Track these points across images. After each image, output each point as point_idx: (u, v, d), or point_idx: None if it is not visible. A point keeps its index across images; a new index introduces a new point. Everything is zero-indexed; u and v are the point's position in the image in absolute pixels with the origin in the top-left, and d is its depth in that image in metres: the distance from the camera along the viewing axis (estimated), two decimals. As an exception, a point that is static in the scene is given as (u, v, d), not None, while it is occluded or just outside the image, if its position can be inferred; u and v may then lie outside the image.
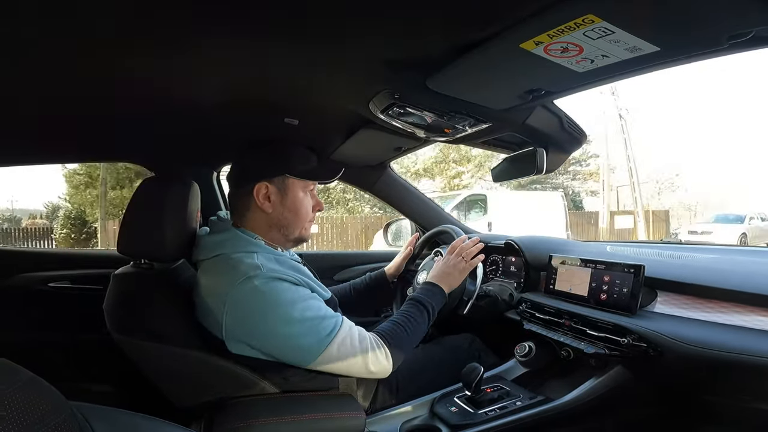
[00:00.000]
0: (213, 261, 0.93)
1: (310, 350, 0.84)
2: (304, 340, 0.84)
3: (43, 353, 1.46)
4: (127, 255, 0.99)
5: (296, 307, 0.85)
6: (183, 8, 0.61)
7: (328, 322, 0.87)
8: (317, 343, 0.84)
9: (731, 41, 0.59)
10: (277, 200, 0.97)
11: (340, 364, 0.86)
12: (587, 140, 1.16)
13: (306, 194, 1.01)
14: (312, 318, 0.86)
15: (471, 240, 1.22)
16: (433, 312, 1.04)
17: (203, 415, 0.87)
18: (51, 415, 0.40)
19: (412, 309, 1.02)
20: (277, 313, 0.84)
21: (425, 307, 1.03)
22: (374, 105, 0.98)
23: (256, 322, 0.84)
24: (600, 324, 1.00)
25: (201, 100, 1.03)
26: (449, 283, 1.12)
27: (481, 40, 0.68)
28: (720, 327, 0.87)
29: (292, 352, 0.85)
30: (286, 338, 0.84)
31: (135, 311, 0.92)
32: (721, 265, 1.09)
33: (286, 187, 0.98)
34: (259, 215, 0.98)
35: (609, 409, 1.01)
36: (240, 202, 0.99)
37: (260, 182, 0.96)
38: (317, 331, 0.85)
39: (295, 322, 0.84)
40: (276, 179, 0.97)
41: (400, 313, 1.01)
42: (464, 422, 0.95)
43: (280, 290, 0.86)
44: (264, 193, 0.96)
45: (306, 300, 0.88)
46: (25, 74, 0.84)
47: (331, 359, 0.85)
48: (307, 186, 1.01)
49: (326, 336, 0.85)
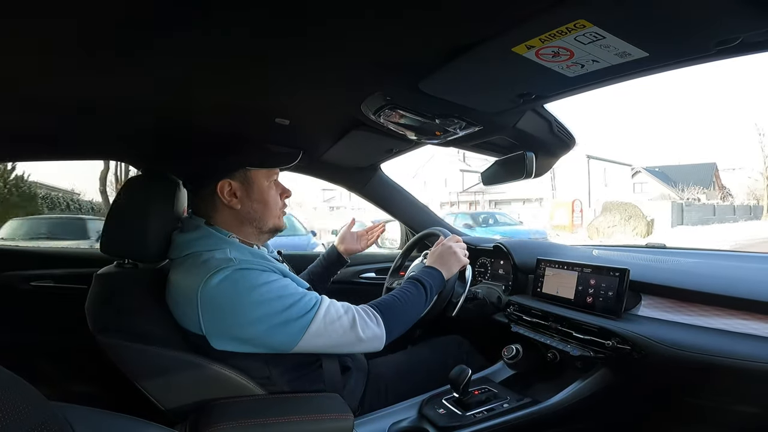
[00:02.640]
0: (183, 260, 0.91)
1: (294, 327, 0.82)
2: (286, 317, 0.82)
3: (23, 353, 1.42)
4: (110, 255, 0.97)
5: (271, 287, 0.84)
6: (180, 7, 0.60)
7: (308, 297, 0.86)
8: (301, 319, 0.83)
9: (719, 47, 0.61)
10: (244, 194, 0.96)
11: (329, 338, 0.85)
12: (576, 144, 1.18)
13: (270, 183, 1.01)
14: (290, 295, 0.84)
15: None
16: (431, 290, 1.04)
17: (188, 417, 0.86)
18: (31, 416, 0.39)
19: (408, 285, 1.02)
20: (253, 297, 0.82)
21: (422, 284, 1.03)
22: (366, 107, 0.98)
23: (234, 311, 0.82)
24: (586, 327, 1.01)
25: (192, 100, 1.02)
26: (448, 267, 1.13)
27: (474, 43, 0.68)
28: (702, 330, 0.88)
29: (276, 334, 0.83)
30: (267, 318, 0.82)
31: (117, 311, 0.90)
32: (704, 269, 1.11)
33: (249, 179, 0.97)
34: (228, 213, 0.96)
35: (595, 410, 1.02)
36: (204, 204, 0.97)
37: (222, 180, 0.94)
38: (298, 307, 0.83)
39: (274, 301, 0.82)
40: (237, 174, 0.96)
41: (397, 289, 1.01)
42: (452, 424, 0.95)
43: (252, 276, 0.84)
44: (228, 189, 0.95)
45: (280, 280, 0.87)
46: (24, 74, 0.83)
47: (319, 334, 0.84)
48: (270, 175, 1.00)
49: (309, 311, 0.84)
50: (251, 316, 0.82)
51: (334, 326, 0.85)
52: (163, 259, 1.02)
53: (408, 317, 0.99)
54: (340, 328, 0.86)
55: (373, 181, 1.71)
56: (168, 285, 0.93)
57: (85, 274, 1.05)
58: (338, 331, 0.86)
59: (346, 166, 1.63)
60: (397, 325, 0.95)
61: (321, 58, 0.79)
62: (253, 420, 0.83)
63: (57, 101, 0.99)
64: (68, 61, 0.78)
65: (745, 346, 0.81)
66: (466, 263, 1.19)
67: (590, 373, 1.00)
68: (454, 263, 1.14)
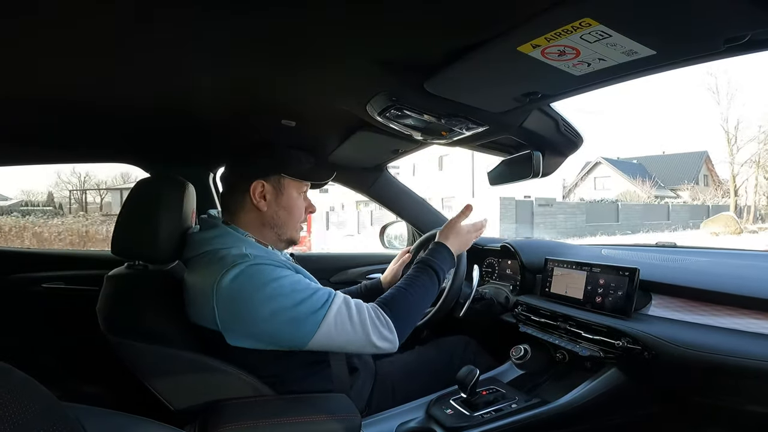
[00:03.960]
0: (200, 257, 0.92)
1: (305, 324, 0.82)
2: (298, 313, 0.82)
3: (35, 354, 1.44)
4: (120, 256, 0.98)
5: (284, 282, 0.84)
6: (182, 8, 0.61)
7: (320, 293, 0.86)
8: (312, 315, 0.82)
9: (728, 45, 0.60)
10: (272, 199, 0.98)
11: (341, 338, 0.84)
12: (583, 143, 1.16)
13: (299, 195, 1.02)
14: (302, 290, 0.85)
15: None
16: (442, 273, 1.02)
17: (197, 417, 0.86)
18: (43, 416, 0.40)
19: (418, 272, 1.00)
20: (266, 292, 0.82)
21: (432, 267, 1.01)
22: (371, 107, 0.98)
23: (247, 306, 0.82)
24: (595, 327, 1.00)
25: (198, 101, 1.03)
26: (459, 243, 1.10)
27: (479, 43, 0.68)
28: (714, 330, 0.87)
29: (288, 330, 0.83)
30: (279, 313, 0.82)
31: (128, 312, 0.91)
32: (715, 268, 1.10)
33: (282, 186, 0.99)
34: (254, 214, 0.98)
35: (604, 411, 1.01)
36: (234, 202, 0.99)
37: (257, 181, 0.96)
38: (311, 303, 0.83)
39: (286, 296, 0.82)
40: (272, 178, 0.98)
41: (406, 277, 1.00)
42: (460, 424, 0.95)
43: (266, 271, 0.84)
44: (260, 191, 0.97)
45: (293, 276, 0.87)
46: (23, 74, 0.84)
47: (330, 333, 0.83)
48: (301, 187, 1.02)
49: (321, 308, 0.83)
50: (265, 310, 0.82)
51: (345, 328, 0.85)
52: (173, 261, 1.03)
53: (419, 311, 0.97)
54: (351, 331, 0.85)
55: (379, 182, 1.72)
56: (184, 285, 0.94)
57: (96, 276, 1.06)
58: (350, 334, 0.85)
59: (351, 166, 1.63)
60: (409, 324, 0.94)
61: (326, 59, 0.79)
62: (262, 420, 0.83)
63: (58, 102, 1.01)
64: (69, 61, 0.78)
65: (758, 346, 0.79)
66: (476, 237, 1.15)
67: (600, 374, 1.00)
68: (465, 240, 1.12)
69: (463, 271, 1.22)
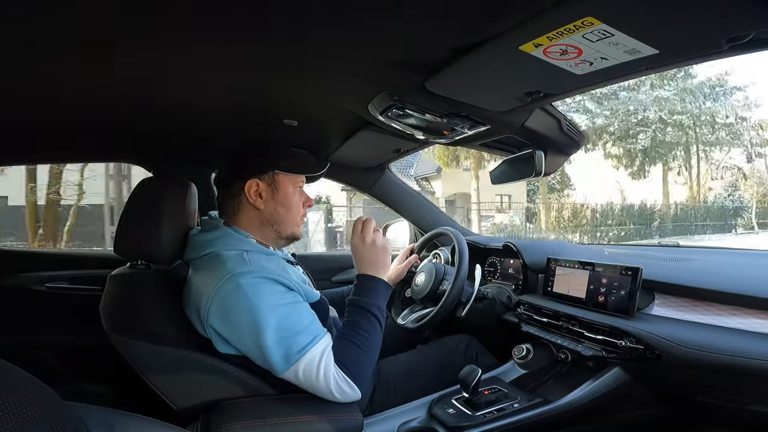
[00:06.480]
0: (202, 260, 0.93)
1: (276, 365, 0.83)
2: (272, 353, 0.82)
3: (39, 354, 1.45)
4: (123, 256, 0.99)
5: (275, 314, 0.84)
6: (183, 8, 0.61)
7: (301, 338, 0.84)
8: (284, 360, 0.83)
9: (731, 44, 0.59)
10: (268, 196, 0.98)
11: (307, 384, 0.85)
12: (585, 142, 1.16)
13: (296, 190, 1.02)
14: (287, 329, 0.84)
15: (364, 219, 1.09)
16: (382, 314, 0.97)
17: (200, 417, 0.87)
18: (47, 415, 0.40)
19: (364, 322, 0.94)
20: (254, 317, 0.83)
21: (373, 314, 0.95)
22: (373, 106, 0.98)
23: (236, 321, 0.84)
24: (598, 326, 1.00)
25: (200, 101, 1.03)
26: (371, 261, 1.02)
27: (481, 42, 0.68)
28: (717, 329, 0.87)
29: (261, 361, 0.85)
30: (256, 345, 0.83)
31: (131, 312, 0.91)
32: (718, 267, 1.09)
33: (276, 182, 0.99)
34: (251, 213, 0.98)
35: (607, 411, 1.01)
36: (230, 202, 0.99)
37: (251, 179, 0.97)
38: (288, 345, 0.83)
39: (269, 332, 0.82)
40: (266, 176, 0.98)
41: (353, 328, 0.93)
42: (462, 424, 0.94)
43: (264, 293, 0.85)
44: (255, 189, 0.97)
45: (288, 307, 0.87)
46: (23, 74, 0.84)
47: (298, 380, 0.85)
48: (297, 182, 1.02)
49: (295, 353, 0.83)
50: (246, 334, 0.84)
51: (310, 382, 0.85)
52: (175, 260, 1.03)
53: (374, 360, 0.95)
54: (316, 385, 0.85)
55: (381, 181, 1.72)
56: (187, 286, 0.94)
57: (99, 275, 1.07)
58: (314, 387, 0.85)
59: (354, 166, 1.63)
60: (369, 376, 0.94)
61: (327, 59, 0.79)
62: (264, 420, 0.84)
63: (59, 103, 1.01)
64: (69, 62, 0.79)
65: (763, 346, 0.79)
66: (389, 247, 1.06)
67: (602, 373, 0.99)
68: (381, 256, 1.03)
69: (465, 270, 1.22)
